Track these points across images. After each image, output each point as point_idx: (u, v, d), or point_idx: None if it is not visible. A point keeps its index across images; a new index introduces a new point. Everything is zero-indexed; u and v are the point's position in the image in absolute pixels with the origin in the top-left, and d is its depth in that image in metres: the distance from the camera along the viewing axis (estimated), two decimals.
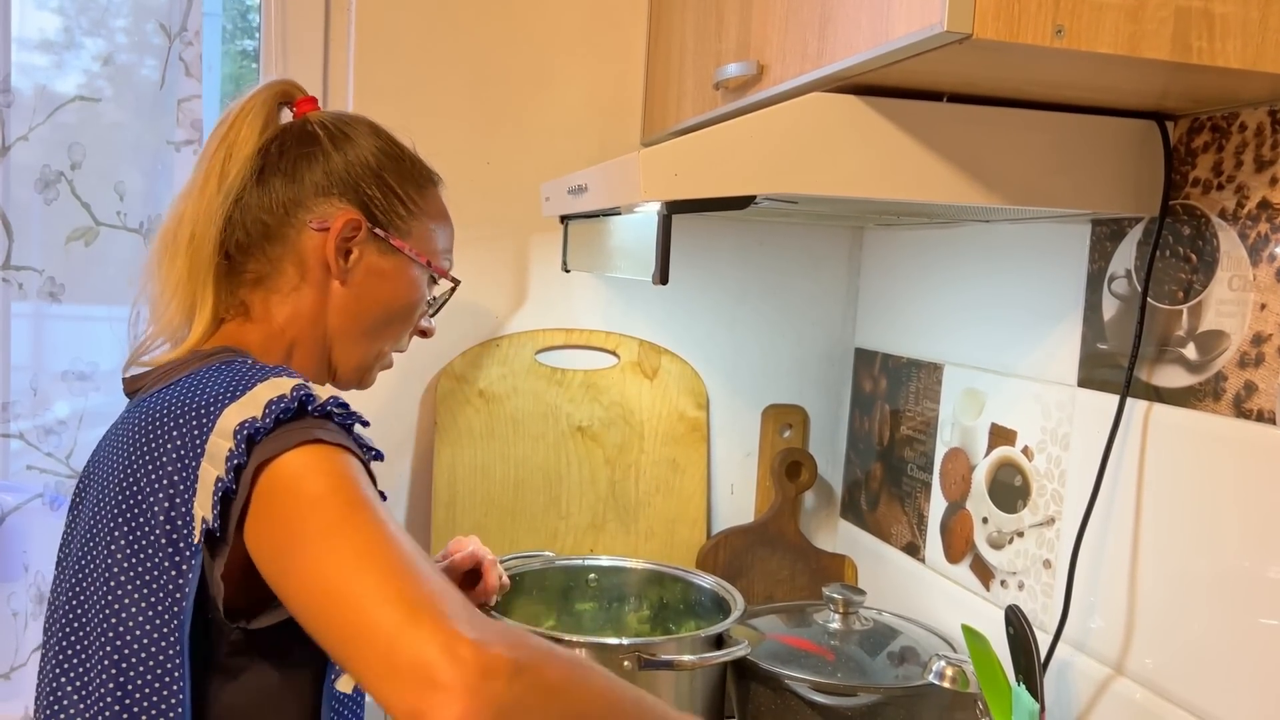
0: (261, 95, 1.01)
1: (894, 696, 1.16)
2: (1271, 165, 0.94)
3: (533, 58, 1.56)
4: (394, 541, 0.74)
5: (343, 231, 0.99)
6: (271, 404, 0.81)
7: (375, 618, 0.69)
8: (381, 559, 0.73)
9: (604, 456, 1.59)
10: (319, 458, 0.80)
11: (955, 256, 1.43)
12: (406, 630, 0.68)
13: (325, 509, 0.76)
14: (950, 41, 0.80)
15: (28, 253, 1.46)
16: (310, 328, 1.01)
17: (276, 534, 0.78)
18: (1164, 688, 1.04)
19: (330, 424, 0.84)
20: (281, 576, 0.77)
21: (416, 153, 1.07)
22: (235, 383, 0.85)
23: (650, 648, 1.15)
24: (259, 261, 0.99)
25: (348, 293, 1.01)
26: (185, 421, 0.84)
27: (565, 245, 1.50)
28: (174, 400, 0.87)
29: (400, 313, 1.05)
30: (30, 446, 1.49)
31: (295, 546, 0.76)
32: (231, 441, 0.80)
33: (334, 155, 1.00)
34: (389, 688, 0.67)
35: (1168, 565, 1.04)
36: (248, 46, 1.76)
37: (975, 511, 1.35)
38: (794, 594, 1.62)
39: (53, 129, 1.45)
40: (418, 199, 1.05)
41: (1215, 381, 0.99)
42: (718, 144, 0.96)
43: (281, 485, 0.79)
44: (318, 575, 0.73)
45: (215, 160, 0.98)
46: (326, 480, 0.78)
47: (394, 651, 0.67)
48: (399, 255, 1.03)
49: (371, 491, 0.80)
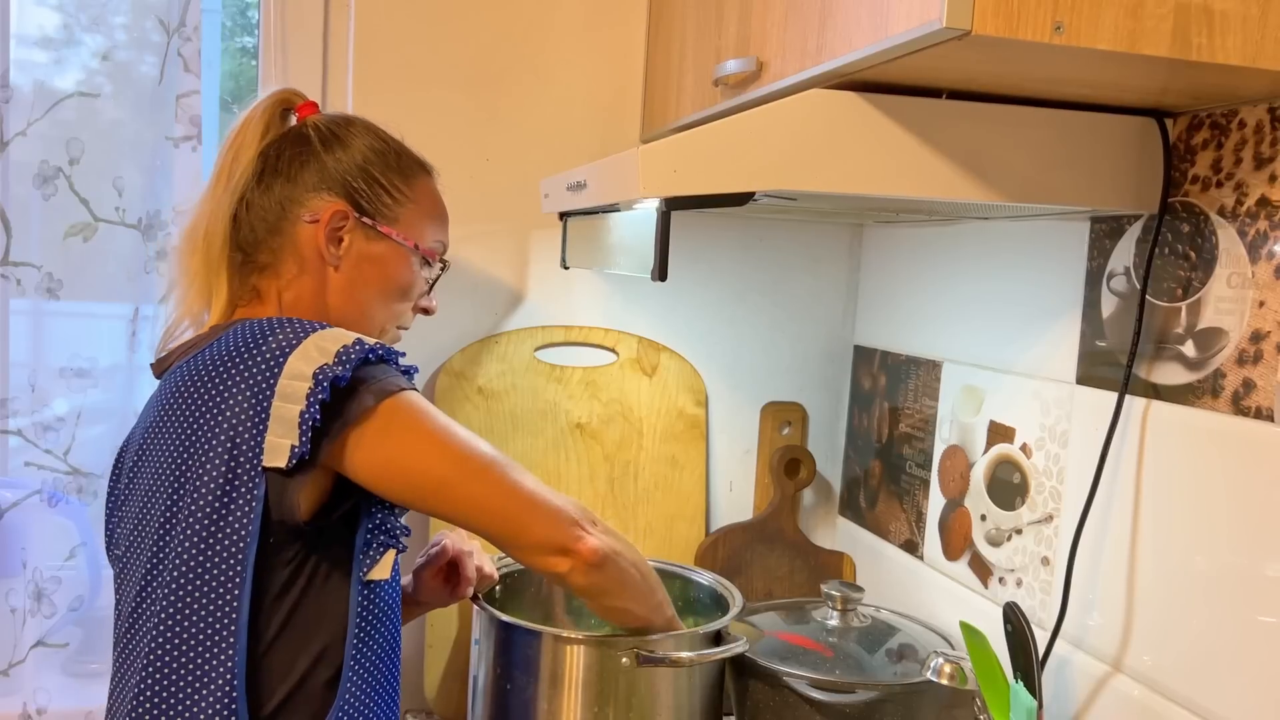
0: (263, 103, 1.14)
1: (892, 693, 1.16)
2: (1271, 163, 0.94)
3: (532, 53, 1.56)
4: (502, 463, 1.02)
5: (331, 222, 1.10)
6: (342, 352, 0.96)
7: (529, 519, 1.01)
8: (506, 478, 1.01)
9: (603, 453, 1.59)
10: (421, 404, 1.00)
11: (954, 253, 1.43)
12: (549, 512, 1.02)
13: (448, 443, 1.00)
14: (949, 38, 0.80)
15: (26, 248, 1.45)
16: (313, 310, 1.11)
17: (413, 460, 0.99)
18: (1162, 685, 1.04)
19: (395, 369, 1.02)
20: (433, 495, 1.00)
21: (406, 145, 1.17)
22: (287, 335, 0.99)
23: (648, 644, 1.15)
24: (265, 253, 1.11)
25: (342, 277, 1.11)
26: (247, 366, 0.98)
27: (564, 242, 1.50)
28: (220, 353, 1.00)
29: (394, 293, 1.14)
30: (28, 443, 1.48)
31: (440, 470, 0.99)
32: (311, 382, 0.95)
33: (324, 155, 1.12)
34: (547, 546, 1.01)
35: (1166, 562, 1.04)
36: (247, 43, 1.76)
37: (974, 509, 1.35)
38: (793, 591, 1.63)
39: (51, 125, 1.44)
40: (404, 188, 1.14)
41: (1214, 379, 0.99)
42: (717, 140, 0.96)
43: (397, 425, 0.98)
44: (476, 492, 1.00)
45: (223, 164, 1.12)
46: (434, 421, 1.00)
47: (548, 528, 1.01)
48: (387, 240, 1.12)
49: (455, 422, 1.03)
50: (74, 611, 1.52)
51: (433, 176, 1.19)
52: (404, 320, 1.19)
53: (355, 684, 1.02)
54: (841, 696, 1.16)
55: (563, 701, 1.16)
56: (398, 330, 1.20)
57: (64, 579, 1.51)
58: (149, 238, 1.49)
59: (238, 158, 1.11)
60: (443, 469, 0.99)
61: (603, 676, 1.15)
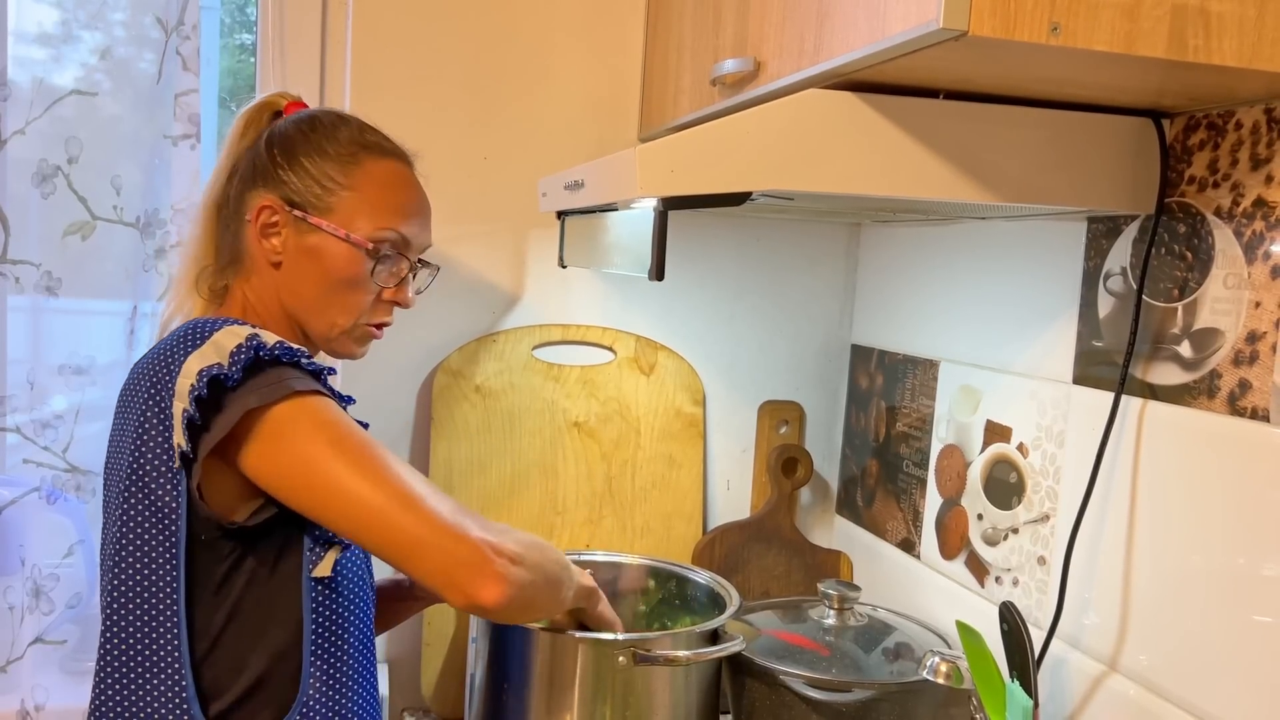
0: (250, 108, 1.17)
1: (889, 692, 1.17)
2: (1267, 163, 0.95)
3: (530, 52, 1.56)
4: (397, 472, 0.94)
5: (261, 217, 1.10)
6: (234, 352, 0.95)
7: (421, 535, 0.92)
8: (399, 492, 0.93)
9: (600, 452, 1.59)
10: (311, 406, 0.95)
11: (951, 254, 1.43)
12: (447, 543, 0.92)
13: (338, 449, 0.94)
14: (946, 38, 0.80)
15: (25, 246, 1.45)
16: (269, 307, 1.11)
17: (298, 471, 0.94)
18: (1158, 684, 1.04)
19: (299, 371, 0.98)
20: (320, 508, 0.94)
21: (357, 130, 1.13)
22: (195, 333, 0.99)
23: (645, 643, 1.15)
24: (227, 254, 1.14)
25: (285, 273, 1.10)
26: (156, 372, 0.98)
27: (562, 241, 1.50)
28: (148, 360, 1.02)
29: (337, 287, 1.10)
30: (27, 440, 1.49)
31: (325, 482, 0.93)
32: (194, 379, 0.94)
33: (263, 150, 1.12)
34: (444, 583, 0.92)
35: (1162, 562, 1.04)
36: (246, 41, 1.76)
37: (970, 508, 1.35)
38: (789, 590, 1.63)
39: (50, 123, 1.44)
40: (338, 176, 1.10)
41: (1210, 379, 0.99)
42: (714, 140, 0.96)
43: (286, 430, 0.94)
44: (361, 505, 0.92)
45: (213, 171, 1.16)
46: (325, 428, 0.94)
47: (445, 559, 0.92)
48: (320, 232, 1.09)
49: (353, 423, 0.97)
50: (72, 609, 1.53)
51: (390, 160, 1.14)
52: (369, 315, 1.14)
53: (319, 683, 1.02)
54: (838, 695, 1.16)
55: (559, 700, 1.16)
56: (369, 327, 1.15)
57: (62, 576, 1.51)
58: (147, 236, 1.49)
59: (220, 164, 1.15)
60: (330, 478, 0.93)
61: (599, 675, 1.16)
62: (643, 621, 1.45)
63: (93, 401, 1.51)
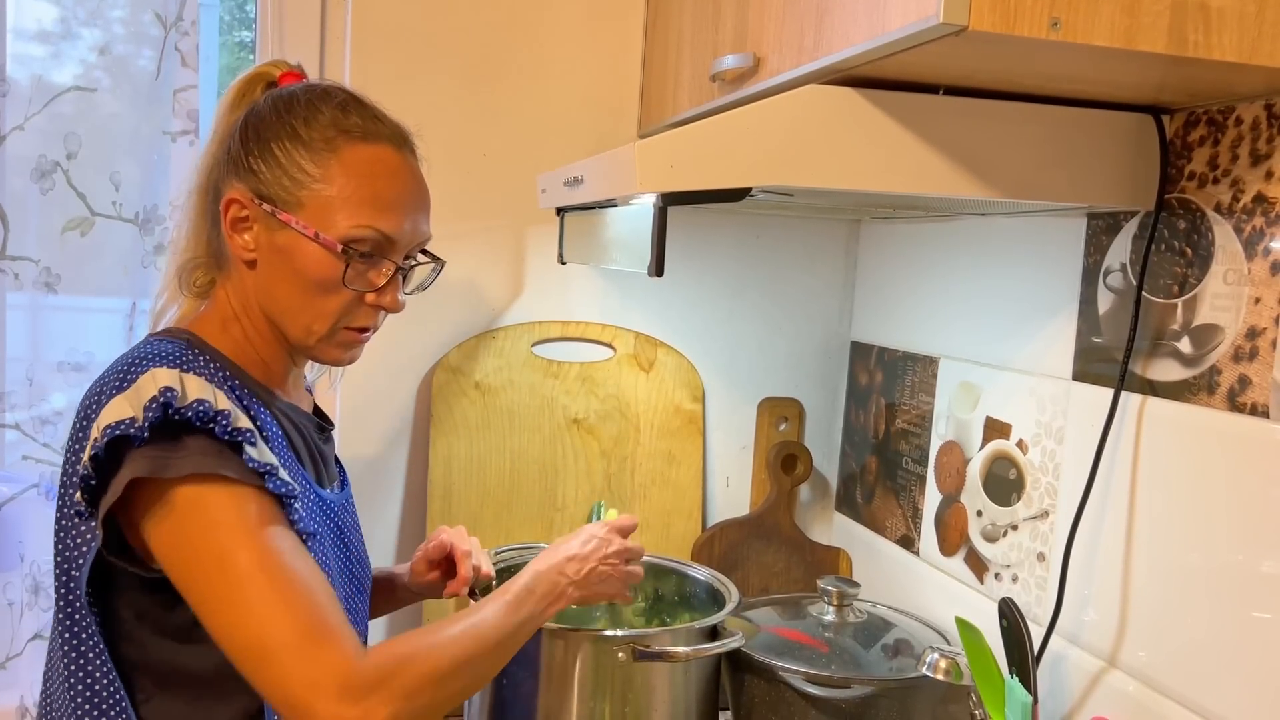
0: (240, 79, 1.05)
1: (888, 689, 1.17)
2: (1267, 159, 0.94)
3: (530, 49, 1.56)
4: (293, 599, 0.85)
5: (230, 212, 0.99)
6: (147, 405, 0.87)
7: (272, 650, 0.83)
8: (281, 621, 0.84)
9: (600, 449, 1.59)
10: (223, 495, 0.88)
11: (951, 250, 1.43)
12: (296, 668, 0.83)
13: (236, 566, 0.86)
14: (946, 33, 0.80)
15: (24, 243, 1.45)
16: (247, 308, 1.02)
17: (180, 555, 0.88)
18: (1157, 680, 1.04)
19: (209, 441, 0.89)
20: (187, 593, 0.88)
21: (342, 111, 0.99)
22: (126, 368, 0.92)
23: (645, 639, 1.15)
24: (208, 247, 1.05)
25: (259, 273, 1.00)
26: (89, 404, 0.93)
27: (561, 237, 1.50)
28: (99, 380, 0.95)
29: (312, 289, 0.98)
30: (26, 437, 1.49)
31: (207, 594, 0.87)
32: (99, 433, 0.87)
33: (238, 137, 1.00)
34: (284, 708, 0.84)
35: (1161, 559, 1.04)
36: (245, 38, 1.76)
37: (970, 505, 1.35)
38: (789, 586, 1.63)
39: (49, 119, 1.44)
40: (308, 168, 0.97)
41: (1209, 375, 0.99)
42: (714, 136, 0.96)
43: (175, 510, 0.87)
44: (232, 631, 0.85)
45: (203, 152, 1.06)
46: (231, 533, 0.87)
47: (286, 683, 0.83)
48: (288, 230, 0.97)
49: (261, 524, 0.88)
50: None
51: (373, 144, 0.99)
52: (351, 319, 1.01)
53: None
54: (837, 692, 1.16)
55: (559, 696, 1.16)
56: (351, 331, 1.02)
57: None
58: (146, 232, 1.49)
59: (208, 146, 1.04)
60: (200, 574, 0.87)
61: (599, 671, 1.16)
62: (642, 619, 1.45)
63: None
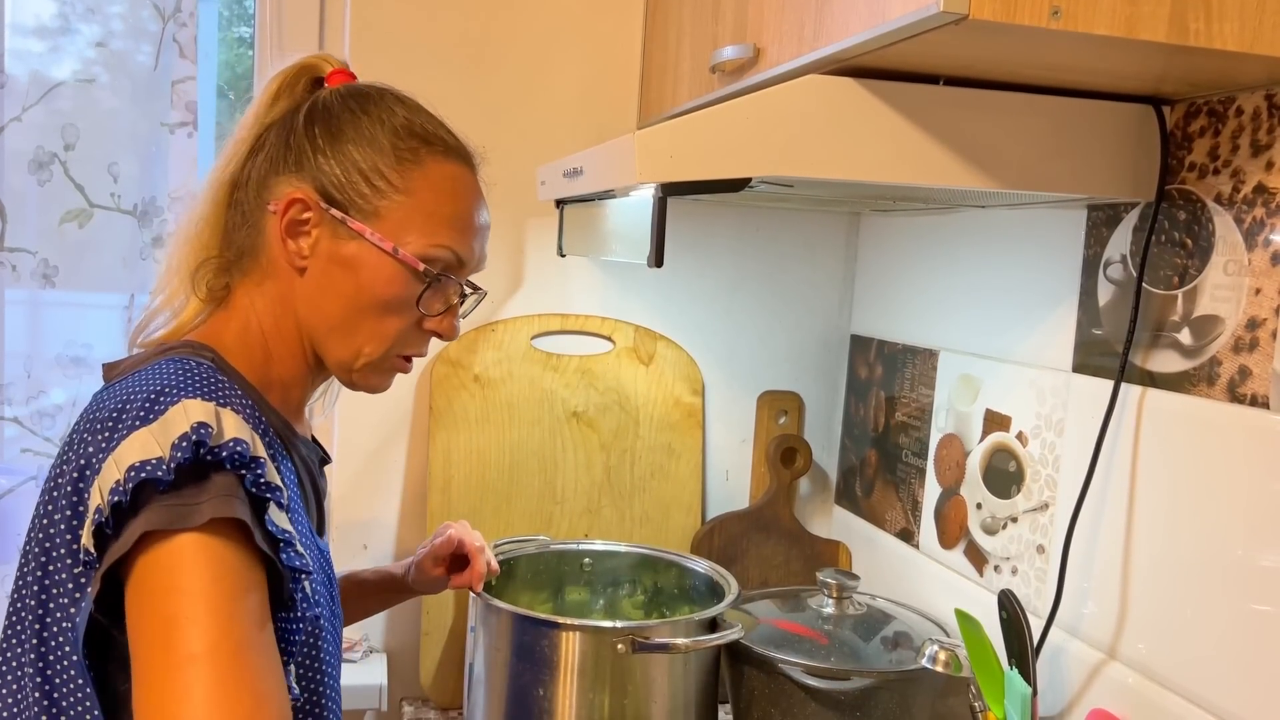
0: (283, 71, 0.96)
1: (887, 681, 1.17)
2: (1268, 150, 0.94)
3: (529, 40, 1.55)
4: (240, 694, 0.72)
5: (290, 212, 0.90)
6: (175, 446, 0.76)
7: None
8: (219, 713, 0.71)
9: (599, 442, 1.59)
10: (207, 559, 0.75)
11: (951, 242, 1.43)
12: None
13: (189, 641, 0.73)
14: (946, 22, 0.79)
15: (22, 235, 1.45)
16: (279, 322, 0.93)
17: (141, 630, 0.75)
18: (1156, 672, 1.04)
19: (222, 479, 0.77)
20: (134, 670, 0.75)
21: (425, 123, 0.95)
22: (152, 398, 0.80)
23: (644, 631, 1.15)
24: (236, 246, 0.95)
25: (308, 282, 0.92)
26: (99, 430, 0.80)
27: (561, 229, 1.50)
28: (106, 401, 0.83)
29: (370, 308, 0.92)
30: (26, 430, 1.49)
31: (152, 661, 0.73)
32: (121, 475, 0.76)
33: (305, 129, 0.92)
34: None
35: (1161, 551, 1.04)
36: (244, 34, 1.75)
37: (969, 497, 1.35)
38: (788, 579, 1.63)
39: (46, 111, 1.44)
40: (391, 176, 0.91)
41: (1209, 366, 0.99)
42: (713, 126, 0.96)
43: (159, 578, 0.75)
44: (161, 706, 0.72)
45: (226, 144, 0.96)
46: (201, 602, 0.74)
47: None
48: (360, 240, 0.90)
49: (246, 612, 0.76)
50: None
51: (454, 161, 0.95)
52: (404, 345, 0.96)
53: None
54: (836, 684, 1.16)
55: (559, 688, 1.16)
56: (401, 359, 0.97)
57: None
58: (144, 224, 1.49)
59: (238, 135, 0.95)
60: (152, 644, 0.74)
61: (599, 663, 1.16)
62: (641, 611, 1.45)
63: (90, 392, 1.49)
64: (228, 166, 0.95)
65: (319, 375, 0.98)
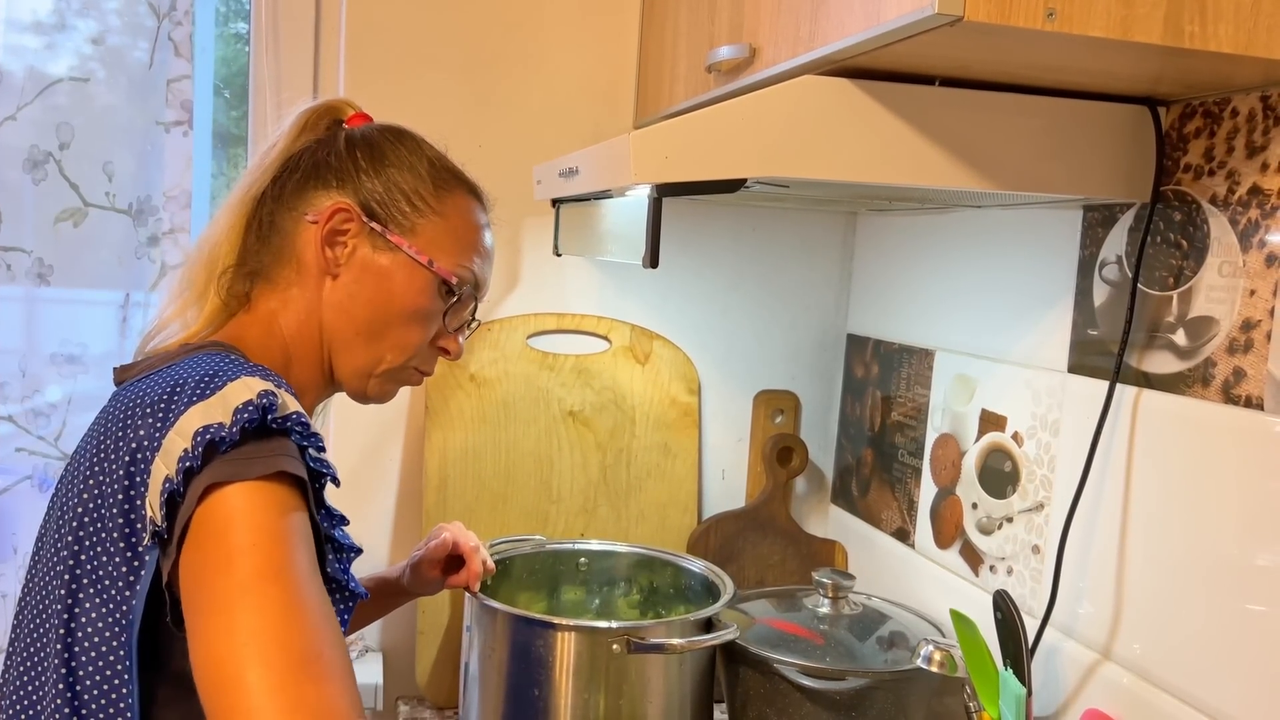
0: (310, 108, 1.04)
1: (882, 680, 1.17)
2: (1263, 151, 0.94)
3: (525, 39, 1.55)
4: (297, 627, 0.74)
5: (332, 221, 0.97)
6: (239, 410, 0.80)
7: (252, 707, 0.70)
8: (278, 648, 0.72)
9: (595, 441, 1.59)
10: (264, 503, 0.78)
11: (947, 242, 1.43)
12: (269, 702, 0.70)
13: (244, 570, 0.75)
14: (942, 24, 0.79)
15: (17, 234, 1.45)
16: (303, 326, 0.99)
17: (194, 576, 0.77)
18: (1151, 673, 1.04)
19: (290, 443, 0.82)
20: (188, 624, 0.76)
21: (452, 163, 1.06)
22: (206, 379, 0.83)
23: (640, 631, 1.15)
24: (262, 255, 1.00)
25: (339, 288, 0.98)
26: (149, 413, 0.83)
27: (557, 229, 1.49)
28: (146, 390, 0.86)
29: (398, 316, 0.99)
30: (20, 429, 1.48)
31: (205, 602, 0.75)
32: (189, 443, 0.78)
33: (345, 154, 1.00)
34: None
35: (1156, 551, 1.04)
36: (241, 30, 1.75)
37: (965, 497, 1.35)
38: (784, 579, 1.63)
39: (41, 109, 1.44)
40: (429, 199, 1.01)
41: (1204, 367, 0.99)
42: (709, 127, 0.96)
43: (215, 523, 0.77)
44: (215, 647, 0.73)
45: (249, 169, 1.03)
46: (255, 535, 0.76)
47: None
48: (396, 252, 0.99)
49: (304, 550, 0.78)
50: None
51: (477, 201, 1.06)
52: (419, 359, 1.03)
53: None
54: (832, 684, 1.16)
55: (554, 688, 1.16)
56: (415, 372, 1.05)
57: None
58: (139, 223, 1.49)
59: (263, 161, 1.02)
60: (216, 598, 0.74)
61: (594, 663, 1.16)
62: (637, 611, 1.45)
63: (85, 390, 1.51)
64: (251, 188, 1.01)
65: (328, 388, 1.03)
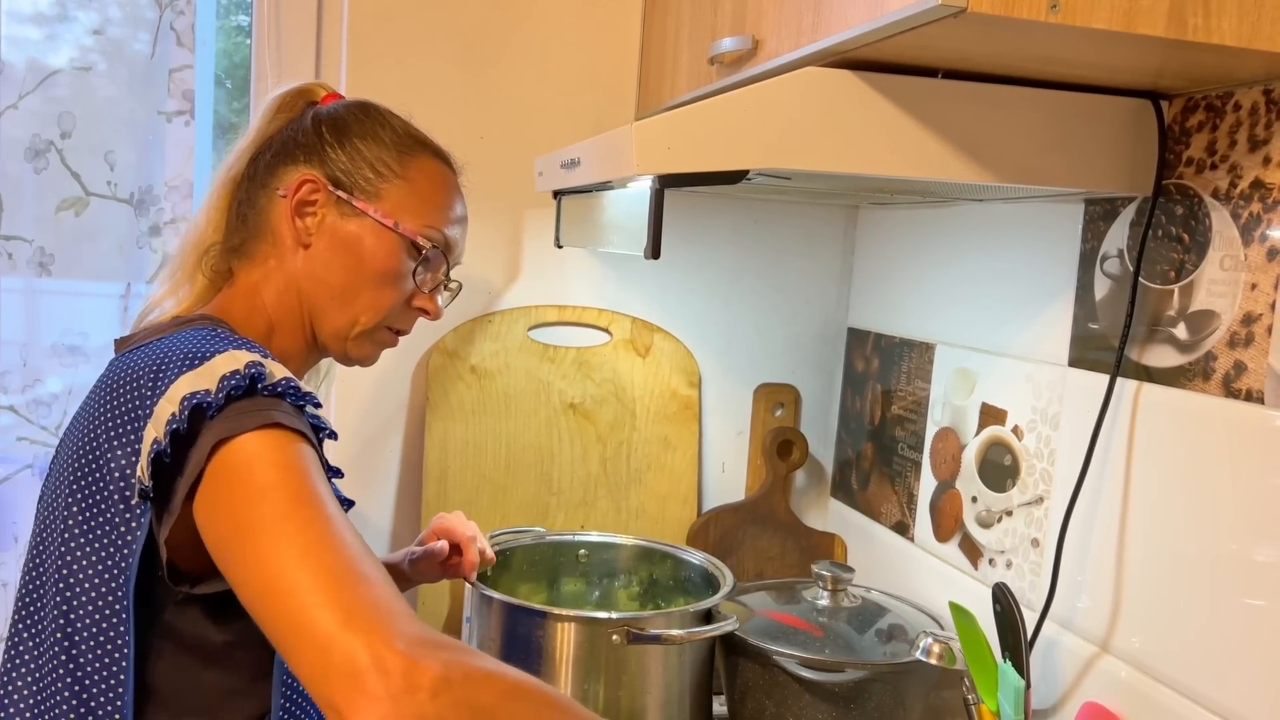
0: (283, 92, 1.09)
1: (881, 673, 1.17)
2: (1265, 145, 0.94)
3: (527, 31, 1.55)
4: (338, 541, 0.77)
5: (300, 192, 1.02)
6: (225, 378, 0.83)
7: (313, 618, 0.72)
8: (324, 559, 0.75)
9: (596, 433, 1.59)
10: (274, 444, 0.81)
11: (948, 236, 1.43)
12: (341, 634, 0.70)
13: (275, 500, 0.78)
14: (945, 15, 0.79)
15: (18, 223, 1.45)
16: (283, 296, 1.03)
17: (226, 517, 0.79)
18: (1150, 666, 1.04)
19: (284, 403, 0.86)
20: (228, 561, 0.79)
21: (416, 129, 1.09)
22: (194, 350, 0.87)
23: (639, 622, 1.16)
24: (242, 233, 1.05)
25: (312, 257, 1.02)
26: (140, 383, 0.87)
27: (558, 220, 1.49)
28: (138, 362, 0.89)
29: (370, 279, 1.03)
30: (21, 419, 1.49)
31: (244, 535, 0.77)
32: (176, 407, 0.82)
33: (311, 130, 1.05)
34: (319, 686, 0.70)
35: (1155, 544, 1.04)
36: (242, 22, 1.75)
37: (965, 490, 1.35)
38: (784, 571, 1.63)
39: (43, 99, 1.44)
40: (393, 164, 1.04)
41: (1205, 361, 0.99)
42: (711, 118, 0.96)
43: (235, 468, 0.80)
44: (263, 567, 0.75)
45: (234, 146, 1.08)
46: (278, 471, 0.80)
47: (328, 653, 0.70)
48: (363, 218, 1.02)
49: (322, 483, 0.82)
50: None
51: (442, 163, 1.09)
52: (394, 318, 1.07)
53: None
54: (831, 675, 1.17)
55: (553, 678, 1.17)
56: (390, 332, 1.08)
57: None
58: (141, 213, 1.49)
59: (241, 144, 1.07)
60: (252, 530, 0.77)
61: (593, 654, 1.16)
62: (636, 603, 1.45)
63: (87, 380, 1.51)
64: (231, 170, 1.07)
65: (313, 353, 1.08)
